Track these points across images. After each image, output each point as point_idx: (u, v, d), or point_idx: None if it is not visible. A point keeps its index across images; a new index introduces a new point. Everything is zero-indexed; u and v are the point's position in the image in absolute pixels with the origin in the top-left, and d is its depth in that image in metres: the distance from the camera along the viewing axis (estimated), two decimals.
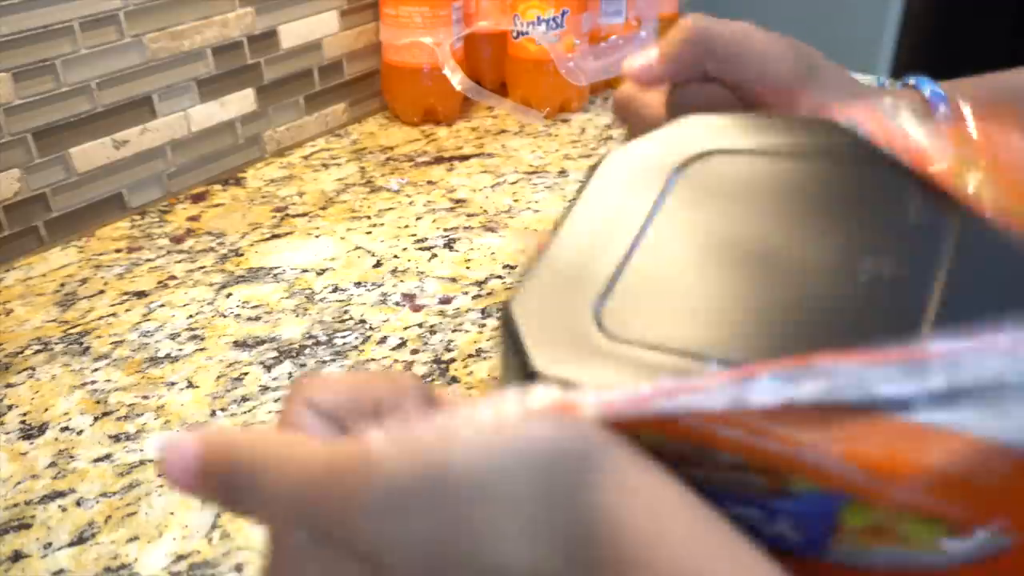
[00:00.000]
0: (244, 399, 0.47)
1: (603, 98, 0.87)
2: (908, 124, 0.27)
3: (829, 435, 0.19)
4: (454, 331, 0.52)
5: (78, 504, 0.41)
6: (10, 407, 0.47)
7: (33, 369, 0.50)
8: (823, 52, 0.44)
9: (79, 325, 0.54)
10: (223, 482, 0.22)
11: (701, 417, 0.20)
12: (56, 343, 0.52)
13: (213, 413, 0.46)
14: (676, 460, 0.21)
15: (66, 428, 0.45)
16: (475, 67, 0.83)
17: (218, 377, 0.49)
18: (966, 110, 0.34)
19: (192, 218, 0.66)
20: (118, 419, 0.46)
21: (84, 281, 0.58)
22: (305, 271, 0.59)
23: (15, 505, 0.41)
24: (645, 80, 0.39)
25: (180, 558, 0.38)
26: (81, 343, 0.52)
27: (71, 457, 0.43)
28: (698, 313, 0.24)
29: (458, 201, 0.68)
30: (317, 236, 0.63)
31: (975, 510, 0.19)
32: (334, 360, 0.50)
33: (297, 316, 0.54)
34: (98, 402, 0.47)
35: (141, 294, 0.57)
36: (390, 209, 0.67)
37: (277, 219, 0.66)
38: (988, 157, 0.26)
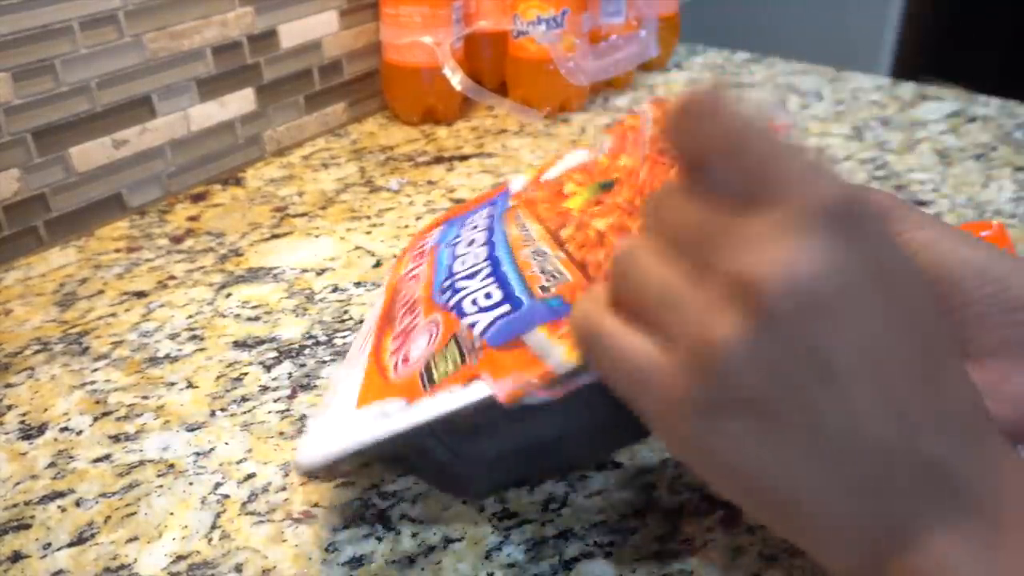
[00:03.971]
0: (244, 399, 0.47)
1: (603, 98, 0.87)
2: None
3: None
4: None
5: (77, 504, 0.40)
6: (9, 407, 0.47)
7: (32, 369, 0.50)
8: (823, 52, 0.44)
9: (79, 325, 0.54)
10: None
11: None
12: (56, 343, 0.52)
13: (213, 413, 0.46)
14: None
15: (65, 428, 0.45)
16: (475, 67, 0.83)
17: (218, 377, 0.49)
18: None
19: (192, 218, 0.66)
20: (118, 419, 0.46)
21: (84, 281, 0.58)
22: (305, 271, 0.59)
23: (14, 505, 0.41)
24: None
25: (180, 558, 0.38)
26: (81, 343, 0.52)
27: (70, 457, 0.43)
28: None
29: (458, 201, 0.68)
30: (317, 236, 0.63)
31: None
32: (334, 360, 0.50)
33: (297, 316, 0.54)
34: (97, 402, 0.47)
35: (141, 294, 0.57)
36: (390, 209, 0.67)
37: (277, 219, 0.66)
38: None
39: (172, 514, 0.40)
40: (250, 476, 0.42)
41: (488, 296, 0.35)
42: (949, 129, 0.79)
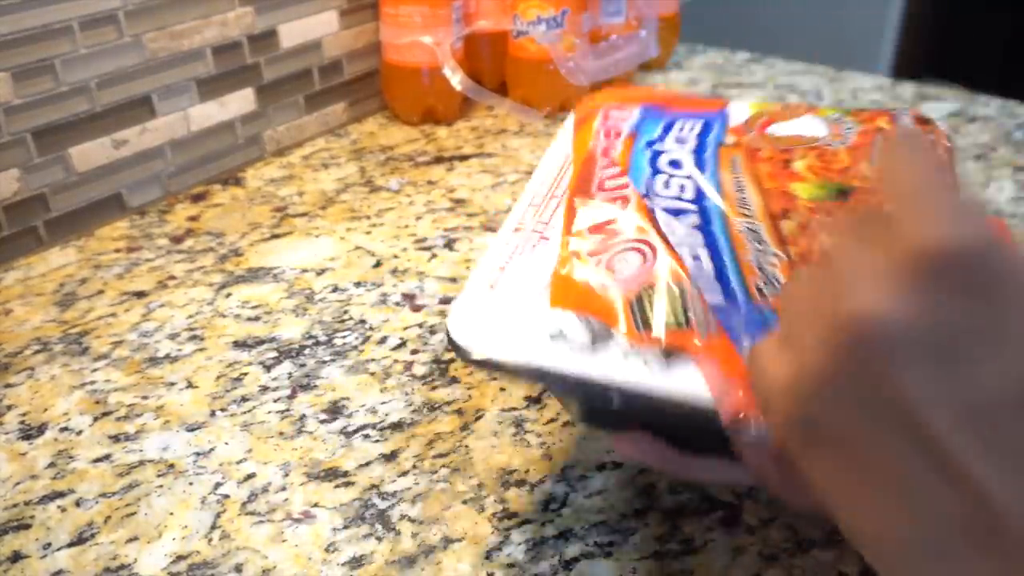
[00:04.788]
0: (244, 399, 0.47)
1: None
2: None
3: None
4: None
5: (77, 504, 0.41)
6: (9, 407, 0.47)
7: (32, 369, 0.50)
8: (823, 52, 0.44)
9: (78, 325, 0.54)
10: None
11: None
12: (55, 343, 0.52)
13: (213, 413, 0.46)
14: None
15: (65, 428, 0.45)
16: (475, 67, 0.83)
17: (218, 377, 0.49)
18: None
19: (192, 218, 0.66)
20: (117, 419, 0.46)
21: (83, 281, 0.58)
22: (305, 271, 0.59)
23: (14, 505, 0.41)
24: None
25: (180, 558, 0.38)
26: (80, 343, 0.52)
27: (70, 457, 0.43)
28: None
29: (458, 201, 0.68)
30: (317, 236, 0.63)
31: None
32: (334, 360, 0.50)
33: (297, 316, 0.54)
34: (97, 402, 0.47)
35: (141, 294, 0.57)
36: (390, 209, 0.67)
37: (277, 219, 0.66)
38: None
39: (172, 514, 0.40)
40: (250, 476, 0.42)
41: (697, 258, 0.33)
42: (949, 129, 0.79)
